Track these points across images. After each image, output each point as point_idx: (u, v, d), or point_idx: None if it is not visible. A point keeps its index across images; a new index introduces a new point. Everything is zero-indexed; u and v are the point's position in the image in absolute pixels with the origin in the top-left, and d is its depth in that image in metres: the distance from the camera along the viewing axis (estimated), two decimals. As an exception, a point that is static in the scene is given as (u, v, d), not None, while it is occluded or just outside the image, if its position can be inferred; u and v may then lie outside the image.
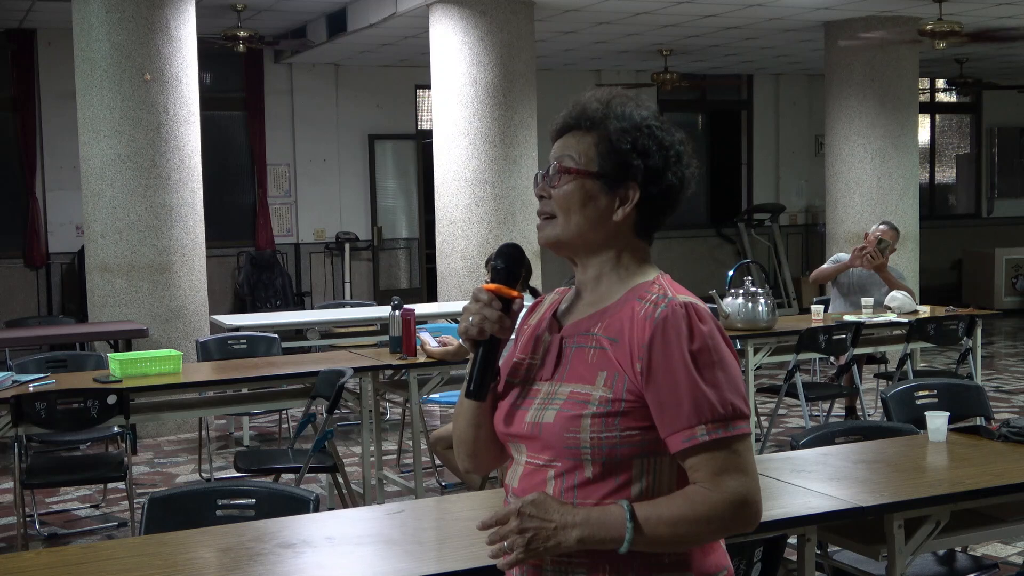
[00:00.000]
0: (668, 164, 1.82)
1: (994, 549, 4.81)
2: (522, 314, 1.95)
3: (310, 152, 12.74)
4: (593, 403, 1.76)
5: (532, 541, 1.72)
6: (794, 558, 3.04)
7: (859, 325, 6.80)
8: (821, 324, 6.83)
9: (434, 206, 9.23)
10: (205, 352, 6.50)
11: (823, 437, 3.77)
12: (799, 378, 6.55)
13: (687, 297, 1.77)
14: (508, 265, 1.88)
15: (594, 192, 1.81)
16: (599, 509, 1.73)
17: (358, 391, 5.64)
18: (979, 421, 4.12)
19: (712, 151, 15.33)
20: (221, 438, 7.70)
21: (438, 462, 6.03)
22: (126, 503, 5.26)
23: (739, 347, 6.91)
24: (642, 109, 1.85)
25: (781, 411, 7.37)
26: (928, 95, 15.87)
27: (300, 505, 3.03)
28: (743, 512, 1.73)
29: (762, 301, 6.68)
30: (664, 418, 1.73)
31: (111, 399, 4.78)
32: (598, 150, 1.81)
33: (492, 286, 1.85)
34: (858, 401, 7.19)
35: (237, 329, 7.10)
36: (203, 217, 8.05)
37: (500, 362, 1.91)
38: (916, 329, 6.94)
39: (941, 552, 3.63)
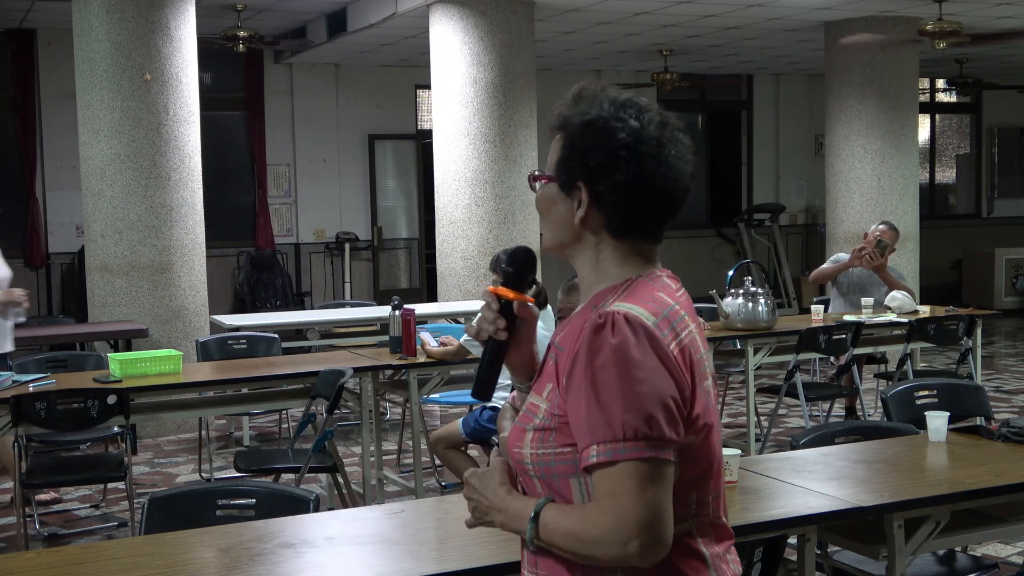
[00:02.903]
0: (615, 159, 1.69)
1: (994, 549, 4.81)
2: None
3: (310, 152, 12.75)
4: (538, 416, 1.71)
5: (474, 511, 1.79)
6: (794, 558, 3.04)
7: (859, 325, 6.80)
8: (821, 324, 6.82)
9: (434, 206, 9.23)
10: (205, 352, 6.50)
11: (823, 437, 3.77)
12: (799, 378, 6.55)
13: (626, 306, 1.65)
14: (513, 268, 1.86)
15: (553, 196, 1.77)
16: (522, 501, 1.72)
17: (358, 391, 5.64)
18: (979, 421, 4.12)
19: (712, 151, 15.34)
20: (221, 438, 7.70)
21: (438, 462, 6.03)
22: (126, 503, 5.26)
23: (739, 347, 6.92)
24: (603, 102, 1.73)
25: (781, 411, 7.37)
26: (928, 95, 15.87)
27: (300, 505, 3.03)
28: (629, 545, 1.58)
29: (762, 301, 6.68)
30: (575, 436, 1.65)
31: (111, 399, 4.78)
32: (558, 152, 1.77)
33: (492, 288, 1.85)
34: (858, 401, 7.19)
35: (237, 329, 7.10)
36: (203, 217, 8.05)
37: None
38: (916, 329, 6.94)
39: (941, 552, 3.63)
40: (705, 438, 1.69)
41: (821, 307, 7.29)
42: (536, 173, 1.81)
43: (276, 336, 6.75)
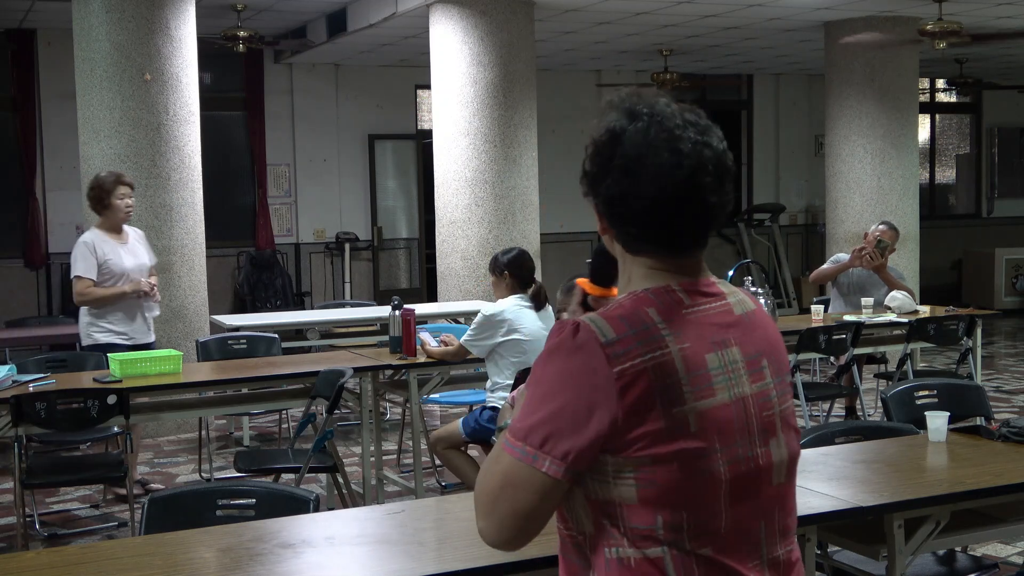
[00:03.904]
0: (604, 171, 1.66)
1: (994, 549, 4.81)
2: None
3: (310, 152, 12.75)
4: None
5: None
6: (794, 558, 3.04)
7: (859, 325, 6.80)
8: (821, 324, 6.83)
9: (434, 206, 9.23)
10: (205, 352, 6.50)
11: (823, 437, 3.77)
12: (799, 378, 6.56)
13: (592, 316, 1.64)
14: (593, 261, 1.84)
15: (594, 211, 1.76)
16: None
17: (358, 391, 5.64)
18: (979, 421, 4.12)
19: (712, 151, 15.30)
20: (221, 438, 7.70)
21: (438, 462, 6.03)
22: (126, 503, 5.26)
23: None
24: (611, 112, 1.68)
25: (781, 411, 7.36)
26: (928, 95, 15.87)
27: (300, 505, 3.03)
28: (478, 520, 1.67)
29: (762, 301, 6.68)
30: None
31: (111, 399, 4.78)
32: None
33: (579, 280, 1.85)
34: (858, 401, 7.19)
35: (237, 329, 7.10)
36: (203, 217, 8.05)
37: None
38: (916, 329, 6.94)
39: (941, 552, 3.63)
40: (670, 463, 1.59)
41: (821, 307, 7.29)
42: None
43: (276, 336, 6.75)
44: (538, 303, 5.34)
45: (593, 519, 1.65)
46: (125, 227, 6.12)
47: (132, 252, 6.08)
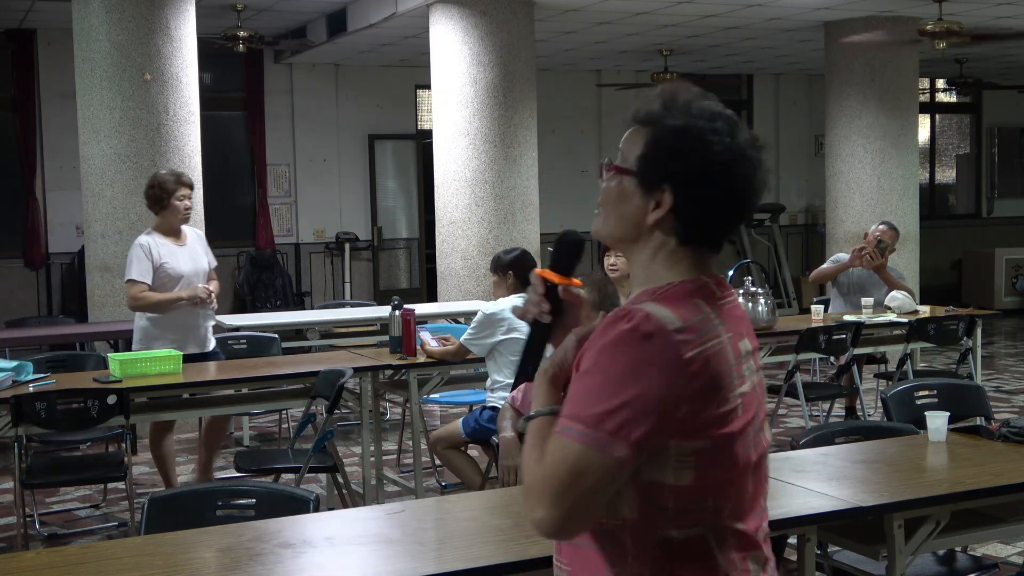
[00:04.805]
0: (709, 173, 1.68)
1: (994, 549, 4.81)
2: None
3: (310, 152, 12.75)
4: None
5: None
6: (794, 558, 3.04)
7: (859, 325, 6.80)
8: (821, 324, 6.83)
9: (434, 206, 9.23)
10: (205, 352, 6.49)
11: (823, 437, 3.77)
12: (799, 378, 6.55)
13: (654, 306, 1.65)
14: (556, 251, 1.84)
15: (629, 191, 1.73)
16: (543, 392, 1.75)
17: (358, 391, 5.64)
18: (979, 421, 4.12)
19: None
20: (221, 438, 7.68)
21: (438, 462, 6.03)
22: (126, 503, 5.26)
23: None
24: (703, 108, 1.71)
25: (781, 411, 7.37)
26: (928, 95, 15.87)
27: (300, 505, 3.03)
28: (535, 511, 1.62)
29: (762, 301, 6.69)
30: None
31: (111, 399, 4.77)
32: (643, 149, 1.72)
33: (539, 270, 1.84)
34: (858, 401, 7.19)
35: (237, 329, 7.10)
36: (203, 217, 8.05)
37: None
38: (916, 329, 6.94)
39: (941, 552, 3.63)
40: (725, 446, 1.67)
41: (821, 307, 7.29)
42: (616, 164, 1.76)
43: (276, 336, 6.75)
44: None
45: (638, 503, 1.67)
46: (183, 228, 5.99)
47: (191, 254, 5.93)
